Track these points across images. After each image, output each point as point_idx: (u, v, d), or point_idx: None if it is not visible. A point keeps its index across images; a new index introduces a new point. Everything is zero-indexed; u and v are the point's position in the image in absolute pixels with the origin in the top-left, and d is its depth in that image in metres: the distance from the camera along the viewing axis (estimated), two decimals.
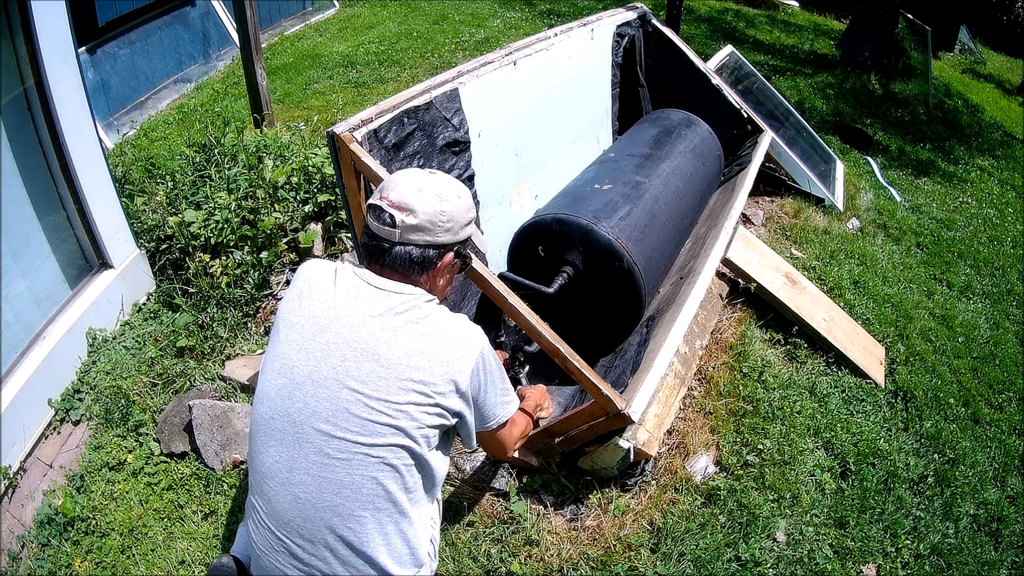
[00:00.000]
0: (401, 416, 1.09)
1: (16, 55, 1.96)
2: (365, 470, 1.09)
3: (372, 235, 1.17)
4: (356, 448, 1.09)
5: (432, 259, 1.17)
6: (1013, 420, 2.51)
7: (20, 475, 1.95)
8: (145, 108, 5.08)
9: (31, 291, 2.13)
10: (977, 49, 10.66)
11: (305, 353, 1.12)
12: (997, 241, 4.10)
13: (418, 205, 1.14)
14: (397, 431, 1.09)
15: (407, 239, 1.15)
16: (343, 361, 1.09)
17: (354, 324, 1.11)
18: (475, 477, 1.88)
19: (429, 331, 1.13)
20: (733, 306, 2.60)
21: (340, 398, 1.08)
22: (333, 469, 1.09)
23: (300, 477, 1.10)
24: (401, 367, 1.09)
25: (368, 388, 1.08)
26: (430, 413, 1.11)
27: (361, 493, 1.10)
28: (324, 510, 1.10)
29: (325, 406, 1.09)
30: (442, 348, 1.12)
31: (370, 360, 1.09)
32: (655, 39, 3.13)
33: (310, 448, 1.10)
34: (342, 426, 1.08)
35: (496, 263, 2.36)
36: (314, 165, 2.75)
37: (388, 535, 1.14)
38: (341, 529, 1.11)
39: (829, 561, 1.77)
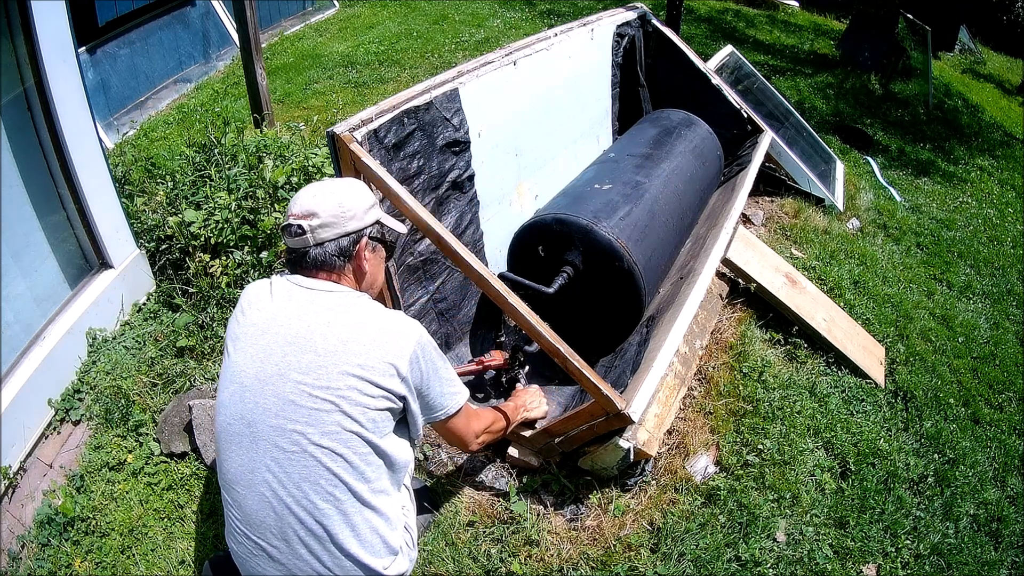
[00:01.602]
0: (344, 401, 1.12)
1: (16, 55, 1.96)
2: (319, 462, 1.12)
3: (291, 249, 1.27)
4: (307, 440, 1.12)
5: (348, 248, 1.27)
6: (1013, 420, 2.51)
7: (20, 475, 1.95)
8: (145, 108, 5.07)
9: (31, 291, 2.13)
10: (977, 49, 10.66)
11: (250, 357, 1.18)
12: (997, 241, 4.10)
13: (318, 207, 1.24)
14: (344, 415, 1.13)
15: (320, 238, 1.25)
16: (284, 356, 1.15)
17: (291, 322, 1.18)
18: (475, 477, 1.88)
19: (363, 320, 1.19)
20: (733, 306, 2.60)
21: (285, 391, 1.13)
22: (290, 463, 1.12)
23: (262, 476, 1.13)
24: (339, 354, 1.14)
25: (310, 378, 1.13)
26: (374, 396, 1.15)
27: (320, 486, 1.12)
28: (289, 507, 1.13)
29: (273, 401, 1.14)
30: (377, 334, 1.17)
31: (309, 352, 1.14)
32: (655, 39, 3.13)
33: (266, 445, 1.13)
34: (291, 418, 1.12)
35: (496, 263, 2.36)
36: (314, 165, 2.75)
37: (356, 526, 1.16)
38: (310, 523, 1.13)
39: (829, 561, 1.77)
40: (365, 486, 1.16)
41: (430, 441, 2.00)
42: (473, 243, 2.22)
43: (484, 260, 2.29)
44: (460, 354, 2.25)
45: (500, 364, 2.03)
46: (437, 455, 1.95)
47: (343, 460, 1.13)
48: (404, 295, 1.93)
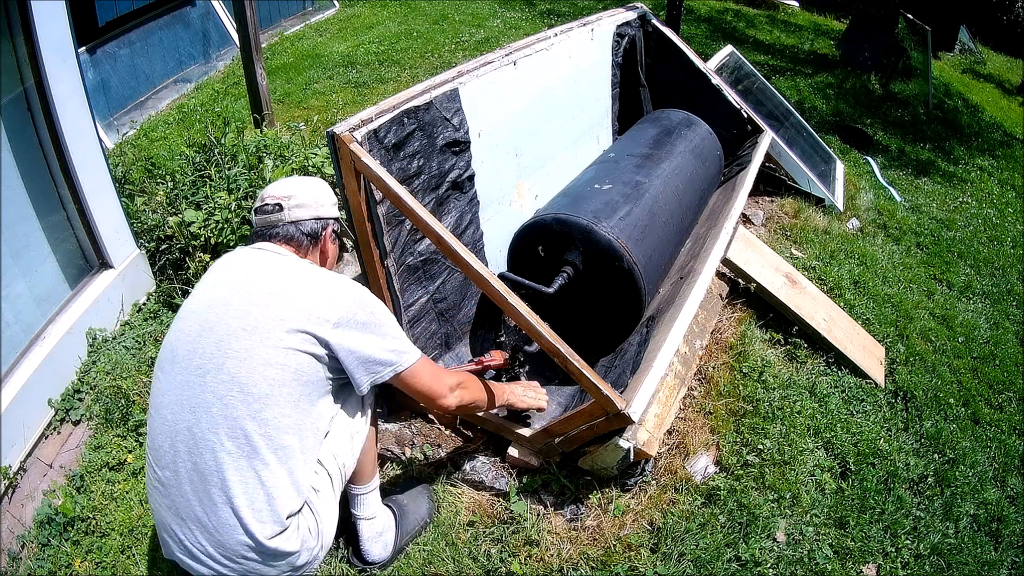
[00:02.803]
0: (269, 341, 1.17)
1: (16, 55, 1.96)
2: (230, 401, 1.16)
3: (261, 226, 1.38)
4: (229, 377, 1.17)
5: (317, 231, 1.42)
6: (1013, 420, 2.51)
7: (20, 475, 1.95)
8: (145, 108, 5.08)
9: (31, 291, 2.13)
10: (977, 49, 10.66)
11: (204, 299, 1.27)
12: (997, 241, 4.10)
13: (295, 192, 1.40)
14: (271, 363, 1.16)
15: (295, 217, 1.38)
16: (227, 305, 1.22)
17: (240, 275, 1.27)
18: (475, 477, 1.88)
19: (308, 277, 1.27)
20: (733, 306, 2.60)
21: (222, 335, 1.19)
22: (205, 399, 1.18)
23: (178, 400, 1.20)
24: (272, 297, 1.21)
25: (244, 320, 1.19)
26: (296, 337, 1.18)
27: (225, 426, 1.16)
28: (183, 432, 1.18)
29: (211, 341, 1.20)
30: (314, 285, 1.25)
31: (246, 299, 1.22)
32: (655, 39, 3.13)
33: (194, 378, 1.20)
34: (224, 356, 1.18)
35: (496, 263, 2.36)
36: (314, 165, 2.76)
37: (247, 479, 1.16)
38: (195, 456, 1.16)
39: (829, 561, 1.77)
40: (266, 443, 1.17)
41: (430, 441, 2.00)
42: (473, 243, 2.22)
43: (484, 260, 2.29)
44: (460, 354, 2.25)
45: (500, 364, 2.03)
46: (437, 455, 1.95)
47: (252, 402, 1.16)
48: (404, 295, 1.93)
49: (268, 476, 1.17)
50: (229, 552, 1.17)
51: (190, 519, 1.18)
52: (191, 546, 1.19)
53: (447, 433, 2.04)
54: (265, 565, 1.19)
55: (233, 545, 1.16)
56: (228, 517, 1.15)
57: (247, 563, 1.18)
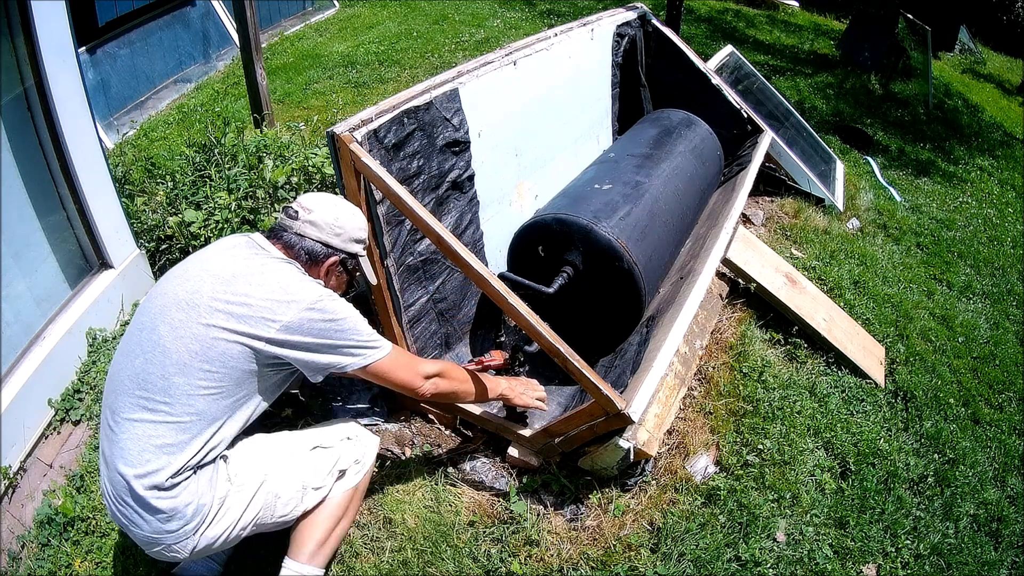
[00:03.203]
0: (202, 320, 1.21)
1: (16, 55, 1.96)
2: (151, 358, 1.22)
3: (277, 223, 1.41)
4: (157, 338, 1.22)
5: (319, 255, 1.40)
6: (1013, 420, 2.51)
7: (20, 475, 1.95)
8: (145, 108, 5.08)
9: (31, 291, 2.13)
10: (977, 49, 10.67)
11: (178, 273, 1.31)
12: (997, 241, 4.10)
13: (317, 207, 1.40)
14: (195, 335, 1.20)
15: (303, 231, 1.39)
16: (186, 278, 1.27)
17: (216, 256, 1.31)
18: (475, 477, 1.88)
19: (270, 270, 1.28)
20: (733, 306, 2.60)
21: (168, 302, 1.25)
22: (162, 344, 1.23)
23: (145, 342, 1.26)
24: (226, 284, 1.24)
25: (191, 296, 1.23)
26: (232, 325, 1.21)
27: (138, 376, 1.22)
28: (114, 374, 1.26)
29: (159, 304, 1.26)
30: (275, 284, 1.26)
31: (203, 278, 1.26)
32: (655, 39, 3.13)
33: (134, 330, 1.28)
34: (163, 318, 1.24)
35: (496, 263, 2.36)
36: (314, 165, 2.75)
37: (137, 428, 1.21)
38: (111, 397, 1.25)
39: (829, 561, 1.77)
40: (173, 404, 1.20)
41: (429, 441, 2.00)
42: (473, 243, 2.22)
43: (484, 260, 2.29)
44: (460, 354, 2.25)
45: (500, 364, 2.03)
46: (437, 455, 1.95)
47: (172, 371, 1.20)
48: (404, 295, 1.93)
49: (160, 432, 1.21)
50: (117, 488, 1.22)
51: (104, 453, 1.26)
52: (104, 479, 1.27)
53: (447, 433, 2.04)
54: (136, 513, 1.22)
55: (117, 481, 1.22)
56: (118, 453, 1.21)
57: (126, 507, 1.22)
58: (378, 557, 1.70)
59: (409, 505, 1.81)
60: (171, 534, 1.22)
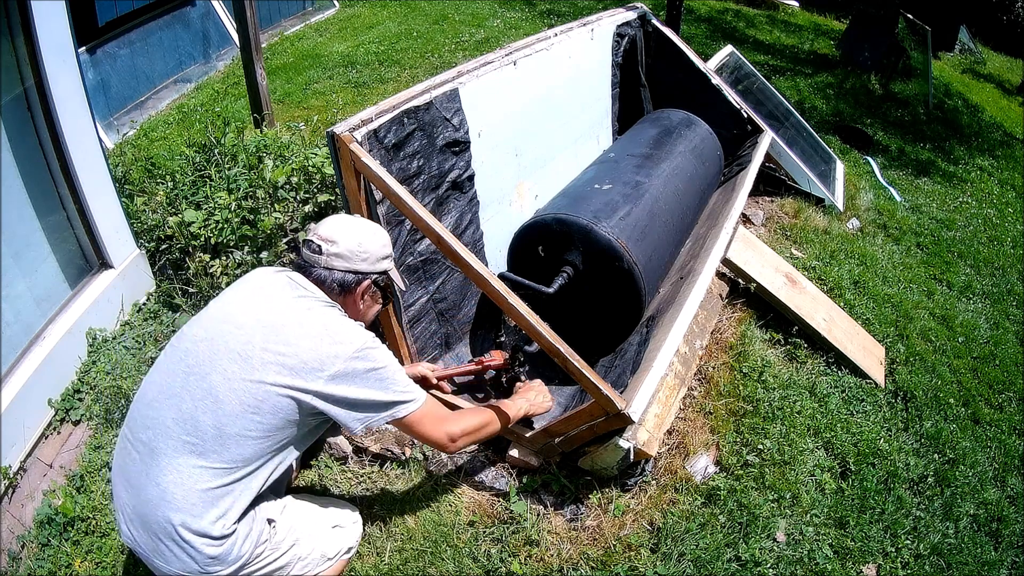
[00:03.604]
0: (255, 375, 1.22)
1: (16, 55, 1.96)
2: (201, 405, 1.22)
3: (303, 260, 1.40)
4: (209, 387, 1.22)
5: (351, 284, 1.40)
6: (1013, 420, 2.51)
7: (20, 475, 1.95)
8: (145, 108, 5.08)
9: (31, 291, 2.13)
10: (977, 49, 10.67)
11: (222, 315, 1.31)
12: (997, 241, 4.10)
13: (340, 237, 1.39)
14: (247, 389, 1.21)
15: (331, 264, 1.38)
16: (236, 325, 1.27)
17: (262, 299, 1.31)
18: (475, 477, 1.88)
19: (315, 318, 1.29)
20: (733, 306, 2.60)
21: (218, 350, 1.25)
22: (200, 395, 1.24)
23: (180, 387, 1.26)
24: (276, 334, 1.24)
25: (243, 347, 1.23)
26: (285, 380, 1.23)
27: (187, 422, 1.22)
28: (151, 413, 1.25)
29: (208, 350, 1.26)
30: (321, 333, 1.27)
31: (254, 327, 1.25)
32: (655, 39, 3.13)
33: (179, 371, 1.26)
34: (215, 367, 1.23)
35: (496, 263, 2.36)
36: (314, 165, 2.75)
37: (183, 470, 1.21)
38: (155, 437, 1.23)
39: (829, 561, 1.77)
40: (224, 451, 1.22)
41: None
42: (473, 243, 2.22)
43: (484, 260, 2.29)
44: (460, 354, 2.25)
45: (500, 364, 2.03)
46: (437, 455, 1.95)
47: (225, 421, 1.21)
48: (404, 295, 1.93)
49: (208, 477, 1.22)
50: (154, 527, 1.22)
51: (131, 482, 1.25)
52: (128, 509, 1.26)
53: None
54: (173, 553, 1.22)
55: (155, 521, 1.22)
56: (159, 495, 1.21)
57: (161, 544, 1.22)
58: (378, 557, 1.70)
59: (409, 505, 1.81)
60: (205, 574, 1.25)
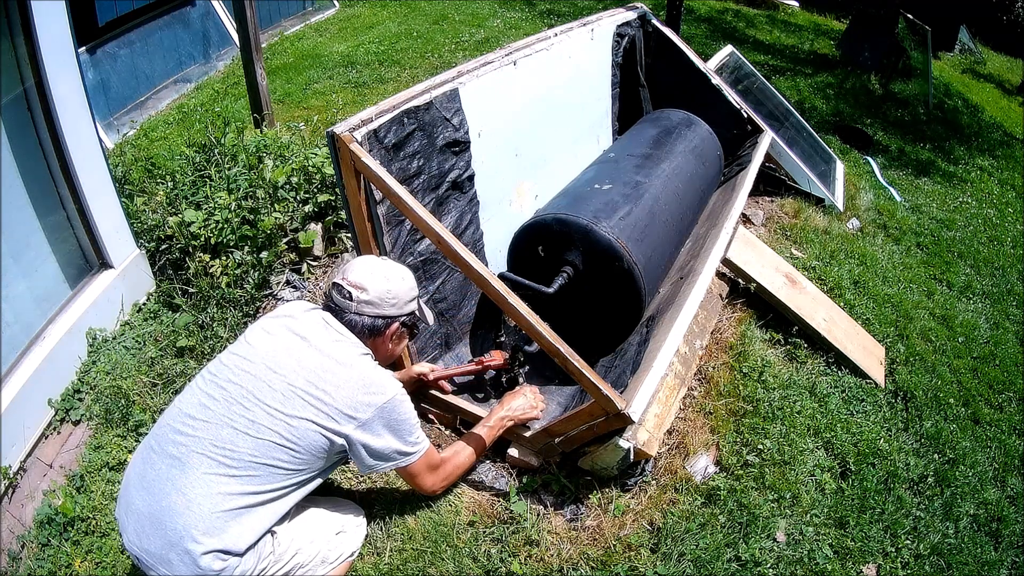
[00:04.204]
0: (297, 413, 1.30)
1: (16, 55, 1.96)
2: (241, 431, 1.29)
3: (334, 303, 1.47)
4: (253, 417, 1.29)
5: (380, 328, 1.48)
6: (1013, 420, 2.51)
7: (20, 475, 1.95)
8: (145, 108, 5.07)
9: (31, 291, 2.13)
10: (977, 49, 10.67)
11: (266, 350, 1.39)
12: (997, 241, 4.10)
13: (370, 284, 1.45)
14: (288, 425, 1.30)
15: (361, 311, 1.45)
16: (279, 365, 1.34)
17: (303, 343, 1.38)
18: (475, 477, 1.88)
19: (351, 366, 1.37)
20: (733, 306, 2.60)
21: (263, 386, 1.32)
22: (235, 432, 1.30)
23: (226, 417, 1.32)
24: (317, 378, 1.33)
25: (286, 386, 1.32)
26: (322, 420, 1.31)
27: (225, 446, 1.28)
28: (189, 427, 1.31)
29: (251, 383, 1.33)
30: (356, 381, 1.35)
31: (296, 370, 1.34)
32: (655, 39, 3.13)
33: (220, 396, 1.33)
34: (258, 401, 1.31)
35: (496, 263, 2.36)
36: (314, 165, 2.75)
37: (212, 489, 1.24)
38: (185, 452, 1.27)
39: (829, 561, 1.77)
40: (257, 479, 1.28)
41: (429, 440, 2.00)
42: (473, 243, 2.22)
43: (484, 260, 2.29)
44: (460, 354, 2.25)
45: (500, 364, 2.03)
46: None
47: (264, 450, 1.28)
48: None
49: (239, 501, 1.26)
50: (170, 536, 1.23)
51: (151, 489, 1.27)
52: (135, 514, 1.27)
53: (447, 433, 2.04)
54: (181, 561, 1.22)
55: (171, 529, 1.22)
56: (184, 505, 1.23)
57: (172, 553, 1.22)
58: (378, 557, 1.70)
59: (409, 505, 1.81)
60: None
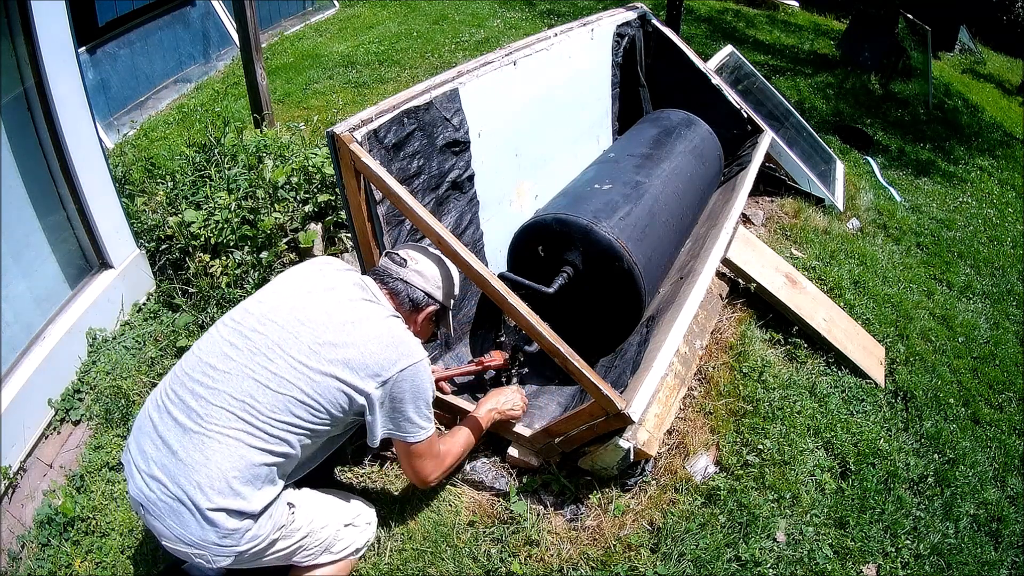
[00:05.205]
0: (323, 368, 1.28)
1: (16, 55, 1.96)
2: (265, 384, 1.27)
3: (381, 266, 1.52)
4: (276, 369, 1.27)
5: (421, 303, 1.51)
6: (1013, 420, 2.51)
7: (20, 475, 1.95)
8: (145, 108, 5.07)
9: (31, 291, 2.13)
10: (977, 49, 10.66)
11: (291, 302, 1.37)
12: (997, 241, 4.10)
13: (422, 260, 1.53)
14: (313, 379, 1.27)
15: (410, 279, 1.49)
16: (307, 317, 1.32)
17: (334, 296, 1.37)
18: (475, 477, 1.88)
19: (381, 325, 1.36)
20: (733, 306, 2.60)
21: (288, 337, 1.31)
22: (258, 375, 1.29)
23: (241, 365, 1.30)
24: (345, 333, 1.31)
25: (313, 339, 1.30)
26: (346, 376, 1.29)
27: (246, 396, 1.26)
28: (208, 377, 1.28)
29: (277, 334, 1.31)
30: (384, 340, 1.34)
31: (324, 322, 1.32)
32: (655, 39, 3.13)
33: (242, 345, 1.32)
34: (284, 352, 1.29)
35: (496, 263, 2.36)
36: (314, 165, 2.75)
37: (232, 448, 1.22)
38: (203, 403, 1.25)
39: (829, 561, 1.77)
40: (272, 434, 1.25)
41: None
42: (473, 243, 2.22)
43: (484, 260, 2.29)
44: (460, 354, 2.25)
45: (500, 364, 2.03)
46: None
47: (285, 404, 1.26)
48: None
49: (253, 458, 1.24)
50: (186, 490, 1.21)
51: (164, 441, 1.25)
52: (147, 464, 1.25)
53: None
54: (193, 518, 1.21)
55: (184, 484, 1.21)
56: (200, 462, 1.21)
57: (182, 508, 1.21)
58: (378, 557, 1.70)
59: (409, 505, 1.81)
60: (217, 547, 1.24)
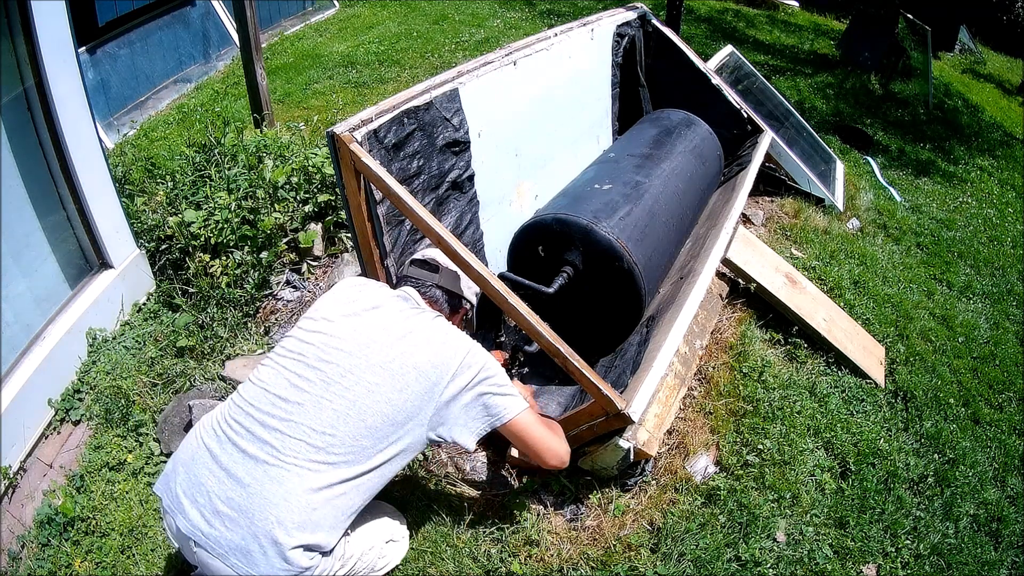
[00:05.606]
0: (396, 384, 1.27)
1: (16, 55, 1.95)
2: (343, 415, 1.24)
3: (413, 275, 1.54)
4: (353, 398, 1.25)
5: (457, 305, 1.57)
6: (1013, 420, 2.51)
7: (20, 475, 1.95)
8: (145, 108, 5.07)
9: (31, 291, 2.13)
10: (977, 49, 10.67)
11: (351, 326, 1.35)
12: (997, 241, 4.10)
13: (448, 266, 1.58)
14: (389, 399, 1.26)
15: (444, 283, 1.54)
16: (370, 339, 1.32)
17: (385, 314, 1.37)
18: (475, 477, 1.88)
19: (435, 327, 1.38)
20: (733, 306, 2.60)
21: (358, 364, 1.28)
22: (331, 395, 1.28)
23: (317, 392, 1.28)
24: (409, 344, 1.32)
25: (382, 358, 1.29)
26: (420, 385, 1.28)
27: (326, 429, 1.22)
28: (281, 409, 1.25)
29: (346, 362, 1.29)
30: (443, 339, 1.35)
31: (387, 341, 1.31)
32: (655, 39, 3.13)
33: (314, 377, 1.29)
34: (357, 379, 1.27)
35: (496, 263, 2.36)
36: (314, 165, 2.75)
37: (309, 480, 1.17)
38: (278, 435, 1.21)
39: (829, 561, 1.77)
40: (353, 464, 1.22)
41: None
42: (473, 243, 2.22)
43: (484, 260, 2.29)
44: None
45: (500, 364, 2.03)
46: (437, 455, 1.95)
47: (363, 432, 1.23)
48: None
49: (337, 491, 1.20)
50: (256, 524, 1.15)
51: (238, 478, 1.18)
52: (213, 498, 1.18)
53: None
54: (264, 555, 1.14)
55: (258, 518, 1.15)
56: (278, 494, 1.15)
57: (251, 542, 1.15)
58: None
59: (409, 505, 1.81)
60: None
